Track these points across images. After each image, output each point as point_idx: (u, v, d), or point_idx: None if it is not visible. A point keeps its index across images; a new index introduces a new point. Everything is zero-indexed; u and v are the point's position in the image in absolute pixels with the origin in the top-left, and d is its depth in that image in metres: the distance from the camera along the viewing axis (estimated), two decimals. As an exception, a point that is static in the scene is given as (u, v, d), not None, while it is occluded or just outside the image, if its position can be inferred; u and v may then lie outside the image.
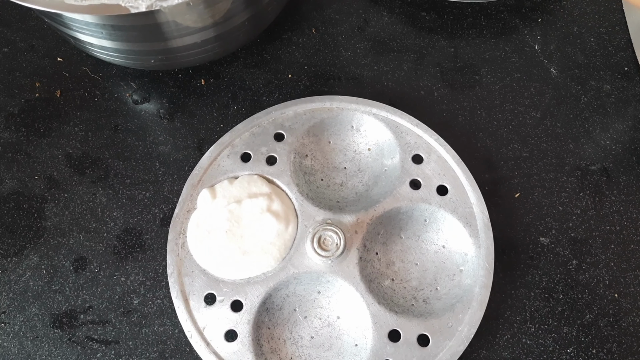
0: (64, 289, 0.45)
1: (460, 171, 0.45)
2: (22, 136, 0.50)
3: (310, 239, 0.42)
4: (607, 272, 0.44)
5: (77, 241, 0.46)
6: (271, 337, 0.42)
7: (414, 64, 0.52)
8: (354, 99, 0.48)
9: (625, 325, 0.43)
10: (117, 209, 0.47)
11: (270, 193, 0.44)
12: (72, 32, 0.44)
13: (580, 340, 0.43)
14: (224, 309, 0.42)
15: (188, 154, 0.49)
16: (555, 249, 0.45)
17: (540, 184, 0.47)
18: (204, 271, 0.43)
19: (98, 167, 0.49)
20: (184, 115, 0.50)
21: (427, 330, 0.41)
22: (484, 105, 0.50)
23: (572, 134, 0.49)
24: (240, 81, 0.52)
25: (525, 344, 0.43)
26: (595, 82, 0.51)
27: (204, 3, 0.41)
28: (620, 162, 0.48)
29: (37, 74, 0.52)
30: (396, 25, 0.54)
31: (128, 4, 0.37)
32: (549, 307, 0.44)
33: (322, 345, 0.42)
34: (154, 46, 0.44)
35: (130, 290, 0.45)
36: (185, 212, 0.45)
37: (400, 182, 0.45)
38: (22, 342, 0.43)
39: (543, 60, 0.52)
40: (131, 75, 0.52)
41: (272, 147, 0.47)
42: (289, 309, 0.43)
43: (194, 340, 0.41)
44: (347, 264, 0.43)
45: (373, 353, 0.40)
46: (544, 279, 0.44)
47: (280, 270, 0.43)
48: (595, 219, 0.46)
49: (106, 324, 0.44)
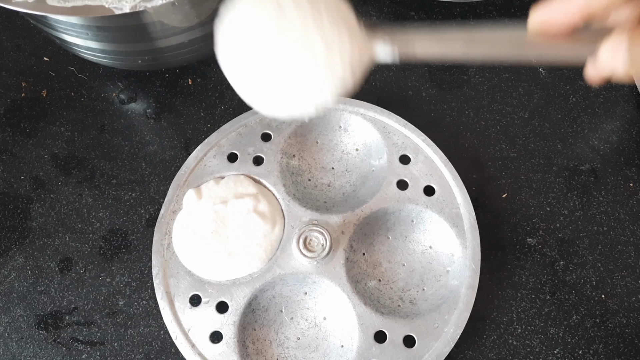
0: (49, 290, 0.44)
1: (447, 172, 0.45)
2: (7, 136, 0.50)
3: (296, 239, 0.42)
4: (594, 273, 0.44)
5: (62, 242, 0.46)
6: (257, 338, 0.42)
7: (402, 64, 0.52)
8: (342, 99, 0.48)
9: (612, 326, 0.43)
10: (102, 210, 0.47)
11: (257, 193, 0.44)
12: (57, 34, 0.44)
13: (567, 341, 0.43)
14: (210, 310, 0.42)
15: (175, 154, 0.49)
16: (543, 249, 0.45)
17: (528, 184, 0.47)
18: (189, 272, 0.43)
19: (84, 167, 0.48)
20: (170, 115, 0.50)
21: (413, 331, 0.41)
22: (471, 106, 0.50)
23: (560, 134, 0.49)
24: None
25: (512, 345, 0.43)
26: (584, 82, 0.51)
27: (190, 3, 0.41)
28: (608, 163, 0.48)
29: (23, 73, 0.52)
30: (385, 25, 0.54)
31: (112, 5, 0.37)
32: (536, 308, 0.44)
33: (308, 346, 0.42)
34: (140, 46, 0.44)
35: (116, 291, 0.44)
36: (170, 212, 0.44)
37: (387, 183, 0.45)
38: (7, 343, 0.43)
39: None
40: (118, 75, 0.51)
41: (259, 147, 0.46)
42: (275, 310, 0.43)
43: (179, 341, 0.41)
44: (334, 264, 0.42)
45: (359, 354, 0.40)
46: (530, 279, 0.44)
47: (266, 271, 0.42)
48: (582, 219, 0.46)
49: (91, 325, 0.43)
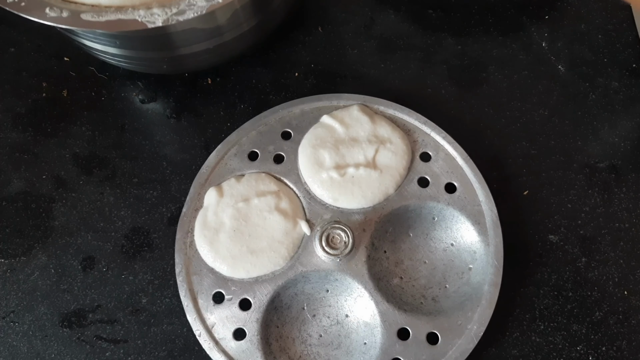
0: (73, 288, 0.45)
1: (468, 169, 0.45)
2: (29, 136, 0.50)
3: (318, 237, 0.42)
4: (617, 270, 0.44)
5: (85, 240, 0.46)
6: (280, 335, 0.42)
7: (421, 62, 0.52)
8: (361, 97, 0.48)
9: (635, 322, 0.43)
10: (124, 209, 0.47)
11: (278, 191, 0.44)
12: (83, 41, 0.44)
13: (590, 338, 0.43)
14: (233, 308, 0.42)
15: (195, 153, 0.49)
16: (564, 246, 0.45)
17: (549, 181, 0.47)
18: (212, 270, 0.43)
19: (105, 166, 0.49)
20: (190, 114, 0.50)
21: (436, 328, 0.41)
22: (491, 103, 0.50)
23: (580, 132, 0.49)
24: (247, 80, 0.52)
25: (535, 342, 0.43)
26: (603, 79, 0.51)
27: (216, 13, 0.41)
28: (628, 160, 0.48)
29: (43, 74, 0.53)
30: (402, 24, 0.54)
31: (145, 19, 0.37)
32: (558, 305, 0.43)
33: (330, 343, 0.42)
34: (164, 54, 0.45)
35: (139, 289, 0.45)
36: (192, 210, 0.45)
37: (408, 180, 0.45)
38: (31, 341, 0.43)
39: (551, 58, 0.52)
40: (138, 75, 0.52)
41: (280, 146, 0.47)
42: (298, 307, 0.43)
43: (202, 338, 0.41)
44: (356, 262, 0.42)
45: (382, 351, 0.40)
46: (553, 276, 0.44)
47: (288, 269, 0.43)
48: (604, 216, 0.46)
49: (115, 323, 0.44)
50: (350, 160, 0.45)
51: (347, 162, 0.45)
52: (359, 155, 0.45)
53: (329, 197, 0.44)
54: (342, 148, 0.45)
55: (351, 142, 0.45)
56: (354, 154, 0.45)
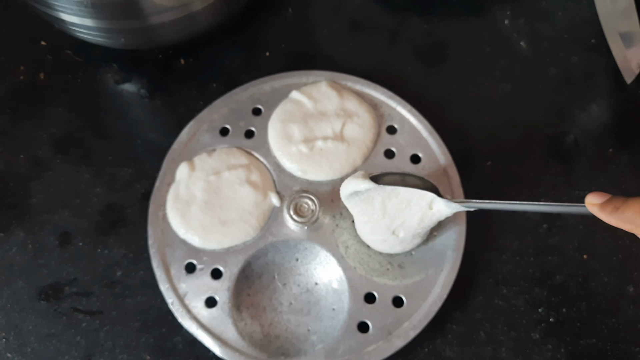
0: (49, 263, 0.46)
1: (432, 140, 0.47)
2: (7, 118, 0.51)
3: (287, 206, 0.43)
4: (576, 235, 0.46)
5: (61, 217, 0.47)
6: (251, 304, 0.44)
7: (388, 41, 0.54)
8: (329, 74, 0.49)
9: (594, 284, 0.44)
10: (99, 186, 0.48)
11: (249, 164, 0.46)
12: (55, 13, 0.45)
13: (551, 300, 0.44)
14: (204, 277, 0.43)
15: (168, 131, 0.50)
16: (526, 213, 0.47)
17: (511, 152, 0.49)
18: (183, 241, 0.44)
19: (81, 146, 0.50)
20: (164, 94, 0.52)
21: (401, 292, 0.42)
22: (455, 79, 0.52)
23: (541, 105, 0.50)
24: (219, 60, 0.53)
25: (498, 305, 0.44)
26: (564, 54, 0.52)
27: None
28: (588, 131, 0.49)
29: (21, 58, 0.54)
30: (370, 4, 0.55)
31: None
32: (520, 270, 0.45)
33: (300, 310, 0.43)
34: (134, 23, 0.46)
35: (114, 262, 0.46)
36: (165, 185, 0.46)
37: (375, 152, 0.46)
38: (9, 314, 0.44)
39: (513, 34, 0.53)
40: (113, 56, 0.53)
41: (250, 121, 0.48)
42: (269, 276, 0.44)
43: (174, 307, 0.42)
44: (324, 231, 0.44)
45: (350, 315, 0.42)
46: (515, 242, 0.46)
47: (259, 239, 0.44)
48: (564, 185, 0.48)
49: (90, 295, 0.45)
50: (319, 134, 0.46)
51: (316, 136, 0.46)
52: (327, 129, 0.46)
53: (298, 169, 0.46)
54: (310, 122, 0.46)
55: (319, 116, 0.47)
56: (322, 128, 0.46)
